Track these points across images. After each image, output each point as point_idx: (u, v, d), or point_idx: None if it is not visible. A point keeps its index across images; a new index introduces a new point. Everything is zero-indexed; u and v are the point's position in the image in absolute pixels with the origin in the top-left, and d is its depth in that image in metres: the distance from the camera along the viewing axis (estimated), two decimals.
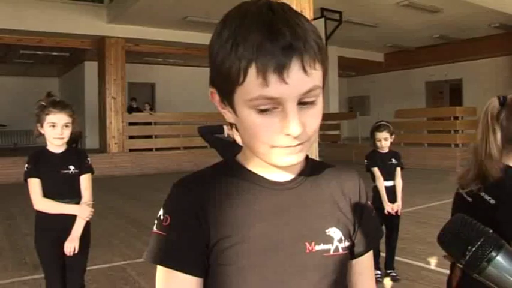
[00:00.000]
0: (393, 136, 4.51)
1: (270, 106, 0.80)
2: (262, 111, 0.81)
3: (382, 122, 4.54)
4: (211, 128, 3.94)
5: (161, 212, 0.90)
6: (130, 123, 15.64)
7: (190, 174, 0.95)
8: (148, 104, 17.04)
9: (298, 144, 0.83)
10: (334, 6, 12.39)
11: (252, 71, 0.78)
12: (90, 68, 17.38)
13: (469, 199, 1.76)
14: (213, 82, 0.88)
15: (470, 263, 0.84)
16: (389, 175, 4.48)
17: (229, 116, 0.89)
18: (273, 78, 0.77)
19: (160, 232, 0.88)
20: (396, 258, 4.64)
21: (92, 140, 17.01)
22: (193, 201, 0.88)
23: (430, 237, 6.04)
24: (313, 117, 0.84)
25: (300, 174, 0.94)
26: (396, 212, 4.44)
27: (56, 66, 20.05)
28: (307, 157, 0.95)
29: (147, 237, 5.78)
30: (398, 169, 4.53)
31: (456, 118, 14.95)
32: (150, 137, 16.08)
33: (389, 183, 4.48)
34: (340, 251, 0.93)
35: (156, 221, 0.90)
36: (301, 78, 0.78)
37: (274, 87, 0.78)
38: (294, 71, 0.77)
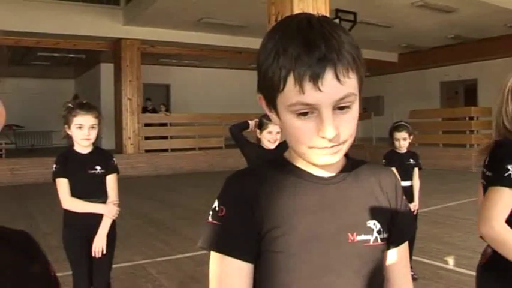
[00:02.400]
0: (411, 136, 4.55)
1: (307, 110, 0.90)
2: (301, 114, 0.90)
3: (402, 122, 4.59)
4: (238, 125, 4.18)
5: (216, 203, 0.98)
6: (146, 124, 15.76)
7: (242, 169, 1.05)
8: (164, 105, 17.15)
9: (333, 146, 0.92)
10: (349, 7, 12.39)
11: (291, 80, 0.88)
12: (106, 69, 17.54)
13: (483, 182, 1.86)
14: (259, 88, 0.98)
15: None
16: (406, 175, 4.50)
17: (275, 119, 0.99)
18: (308, 86, 0.87)
19: (216, 222, 0.96)
20: (413, 257, 4.66)
21: (108, 141, 17.14)
22: (247, 193, 0.97)
23: (446, 237, 6.06)
24: (348, 122, 0.93)
25: (342, 170, 1.03)
26: (413, 212, 4.48)
27: (72, 68, 20.27)
28: (348, 156, 1.05)
29: (165, 236, 5.87)
30: (416, 169, 4.56)
31: (471, 118, 14.87)
32: (165, 137, 16.20)
33: (407, 183, 4.50)
34: (379, 241, 1.02)
35: (211, 212, 0.98)
36: (335, 86, 0.88)
37: (310, 95, 0.87)
38: (328, 79, 0.87)
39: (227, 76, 20.28)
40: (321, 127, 0.89)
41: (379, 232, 1.02)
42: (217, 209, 0.97)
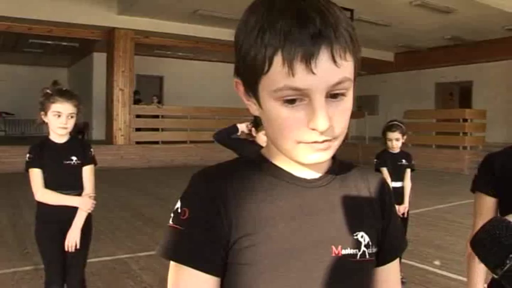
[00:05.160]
0: (405, 137, 4.44)
1: (296, 97, 0.75)
2: (288, 102, 0.76)
3: (395, 122, 4.46)
4: (226, 130, 3.92)
5: (178, 204, 0.84)
6: (137, 116, 15.59)
7: (212, 166, 0.89)
8: (156, 97, 16.99)
9: (325, 141, 0.78)
10: (346, 4, 12.25)
11: (278, 60, 0.74)
12: (99, 59, 17.39)
13: None
14: (237, 72, 0.83)
15: (509, 273, 0.73)
16: (397, 176, 4.40)
17: (254, 108, 0.84)
18: (299, 67, 0.73)
19: (176, 226, 0.82)
20: (403, 260, 4.56)
21: (98, 132, 17.01)
22: (214, 195, 0.82)
23: (437, 240, 5.97)
24: (342, 113, 0.79)
25: (327, 172, 0.89)
26: (403, 214, 4.38)
27: (66, 56, 20.05)
28: (334, 157, 0.89)
29: (152, 230, 5.75)
30: (408, 170, 4.45)
31: (465, 120, 14.84)
32: (156, 129, 16.04)
33: (397, 184, 4.40)
34: (367, 257, 0.87)
35: (172, 214, 0.84)
36: (330, 69, 0.74)
37: (301, 77, 0.73)
38: (323, 60, 0.73)
39: (222, 70, 20.05)
40: (312, 117, 0.75)
41: (367, 246, 0.87)
42: (179, 210, 0.83)
